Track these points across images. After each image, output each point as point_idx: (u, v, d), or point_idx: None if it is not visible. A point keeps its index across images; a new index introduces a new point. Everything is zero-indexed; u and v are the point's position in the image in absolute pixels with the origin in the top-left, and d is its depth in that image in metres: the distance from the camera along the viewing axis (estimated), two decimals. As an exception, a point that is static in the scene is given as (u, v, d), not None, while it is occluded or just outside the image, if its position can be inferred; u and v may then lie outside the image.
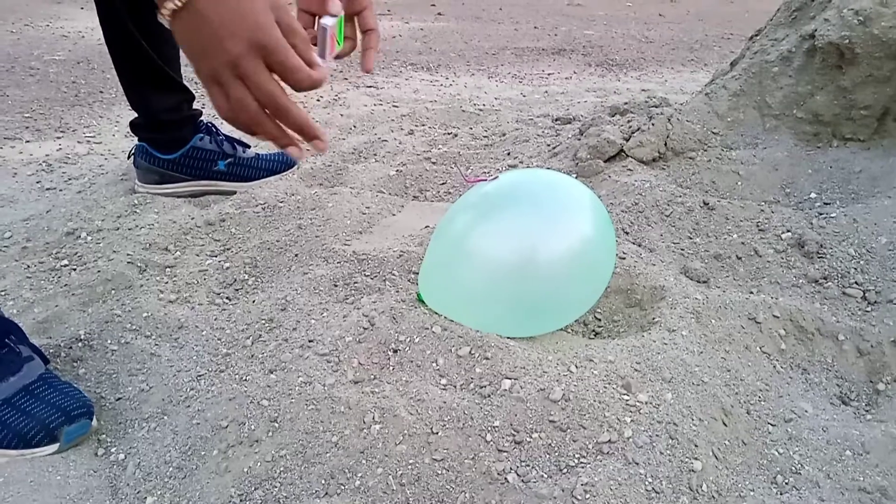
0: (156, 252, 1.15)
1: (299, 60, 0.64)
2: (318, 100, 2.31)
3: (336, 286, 1.00)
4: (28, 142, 1.83)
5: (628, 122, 1.36)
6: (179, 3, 0.61)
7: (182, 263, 1.14)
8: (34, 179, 1.57)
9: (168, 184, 1.39)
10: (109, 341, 0.92)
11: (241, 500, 0.68)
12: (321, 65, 0.67)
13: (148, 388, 0.85)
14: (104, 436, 0.80)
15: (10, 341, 0.82)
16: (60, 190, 1.52)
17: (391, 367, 0.79)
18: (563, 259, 0.83)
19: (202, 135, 1.39)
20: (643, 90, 2.69)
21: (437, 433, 0.70)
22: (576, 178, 1.24)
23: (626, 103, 1.55)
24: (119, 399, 0.85)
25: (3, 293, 1.05)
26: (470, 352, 0.79)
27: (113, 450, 0.78)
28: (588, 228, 0.85)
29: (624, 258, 1.00)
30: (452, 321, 0.84)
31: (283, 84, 0.65)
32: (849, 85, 1.16)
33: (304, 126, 0.67)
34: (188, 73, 1.95)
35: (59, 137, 1.88)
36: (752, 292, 0.97)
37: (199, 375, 0.85)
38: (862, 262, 0.97)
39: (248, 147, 1.47)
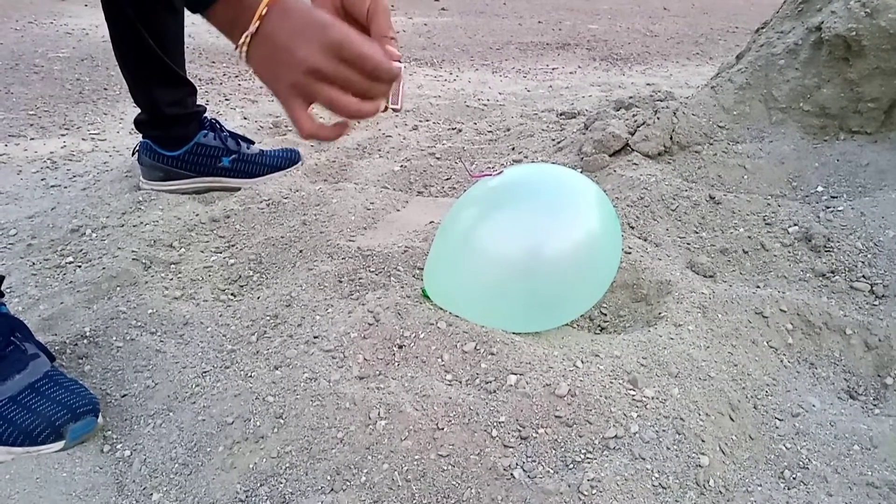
0: (160, 249, 1.15)
1: (372, 47, 0.67)
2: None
3: (341, 282, 1.00)
4: (33, 139, 1.83)
5: (633, 116, 1.36)
6: (253, 29, 0.66)
7: (187, 260, 1.14)
8: (39, 177, 1.58)
9: (172, 180, 1.39)
10: (115, 338, 0.92)
11: (246, 497, 0.68)
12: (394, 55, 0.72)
13: (153, 384, 0.85)
14: (110, 432, 0.80)
15: (15, 339, 0.82)
16: (65, 187, 1.52)
17: (396, 363, 0.79)
18: (569, 254, 0.83)
19: (206, 131, 1.39)
20: (648, 84, 2.68)
21: (442, 429, 0.70)
22: (581, 172, 1.24)
23: (631, 97, 1.54)
24: (125, 396, 0.85)
25: (8, 290, 1.05)
26: (475, 347, 0.79)
27: (119, 446, 0.78)
28: (593, 223, 0.85)
29: (630, 253, 1.00)
30: (457, 316, 0.83)
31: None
32: (856, 77, 1.15)
33: (396, 77, 0.71)
34: (191, 70, 1.95)
35: (63, 135, 1.88)
36: (758, 286, 0.96)
37: (205, 372, 0.85)
38: (869, 256, 0.97)
39: (252, 143, 1.47)
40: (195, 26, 3.32)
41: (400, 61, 0.75)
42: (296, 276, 1.03)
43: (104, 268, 1.08)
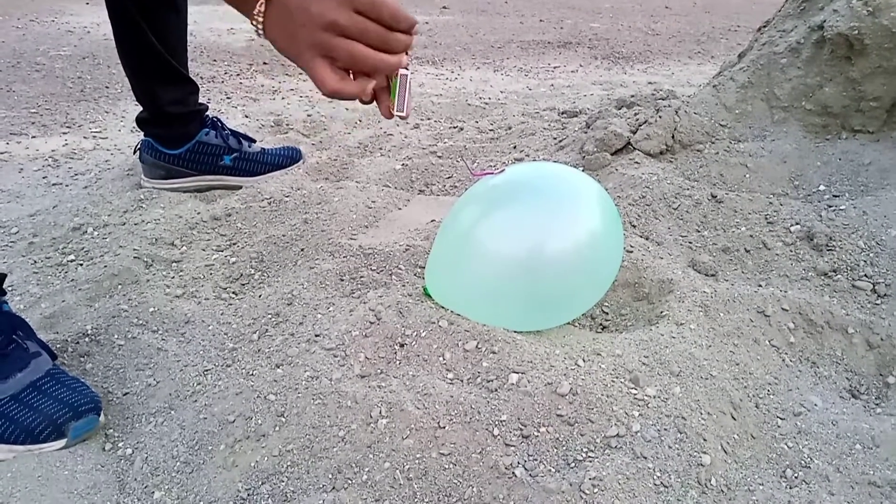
0: (162, 247, 1.15)
1: None
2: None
3: (342, 280, 1.00)
4: (34, 137, 1.83)
5: (635, 114, 1.36)
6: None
7: (188, 258, 1.14)
8: (40, 175, 1.58)
9: (174, 179, 1.39)
10: (116, 336, 0.92)
11: (248, 495, 0.68)
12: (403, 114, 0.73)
13: (155, 382, 0.85)
14: (111, 430, 0.80)
15: (17, 337, 0.82)
16: (67, 185, 1.52)
17: (398, 362, 0.79)
18: (570, 253, 0.83)
19: (208, 130, 1.39)
20: (650, 83, 2.68)
21: (444, 427, 0.70)
22: (582, 171, 1.24)
23: (632, 96, 1.54)
24: (126, 394, 0.85)
25: (10, 288, 1.05)
26: (477, 346, 0.79)
27: (120, 444, 0.78)
28: (595, 222, 0.85)
29: (631, 251, 0.99)
30: (459, 315, 0.83)
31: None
32: (858, 76, 1.15)
33: (414, 25, 0.70)
34: (193, 68, 1.95)
35: (64, 133, 1.88)
36: (760, 285, 0.96)
37: (206, 370, 0.85)
38: (871, 255, 0.96)
39: (254, 142, 1.47)
40: (197, 25, 3.32)
41: (407, 68, 0.75)
42: (297, 274, 1.03)
43: (106, 266, 1.08)
